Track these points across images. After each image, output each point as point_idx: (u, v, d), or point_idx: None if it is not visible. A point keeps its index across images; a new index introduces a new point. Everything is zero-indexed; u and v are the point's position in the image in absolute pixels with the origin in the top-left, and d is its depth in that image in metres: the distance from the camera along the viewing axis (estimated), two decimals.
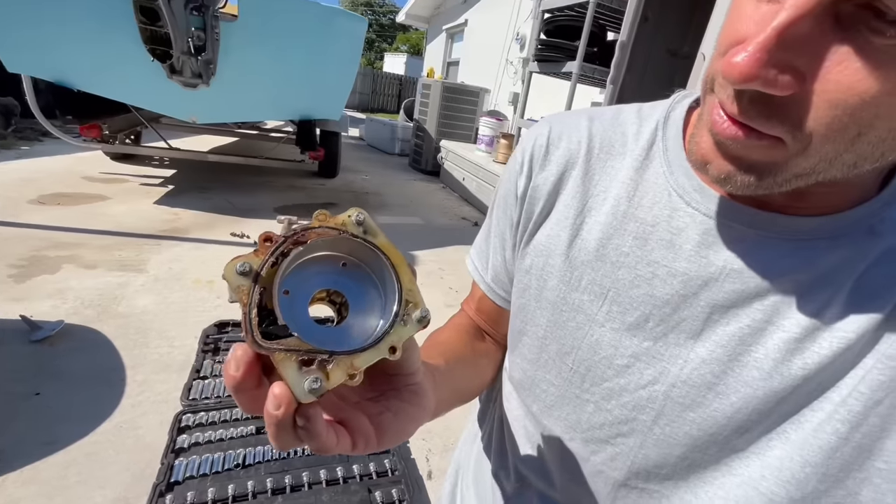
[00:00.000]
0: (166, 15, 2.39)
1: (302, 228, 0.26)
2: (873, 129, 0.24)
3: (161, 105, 3.28)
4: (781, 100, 0.24)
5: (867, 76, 0.22)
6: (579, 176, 0.42)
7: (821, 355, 0.31)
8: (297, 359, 0.24)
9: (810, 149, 0.25)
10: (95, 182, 3.86)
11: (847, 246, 0.32)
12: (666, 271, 0.37)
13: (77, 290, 2.14)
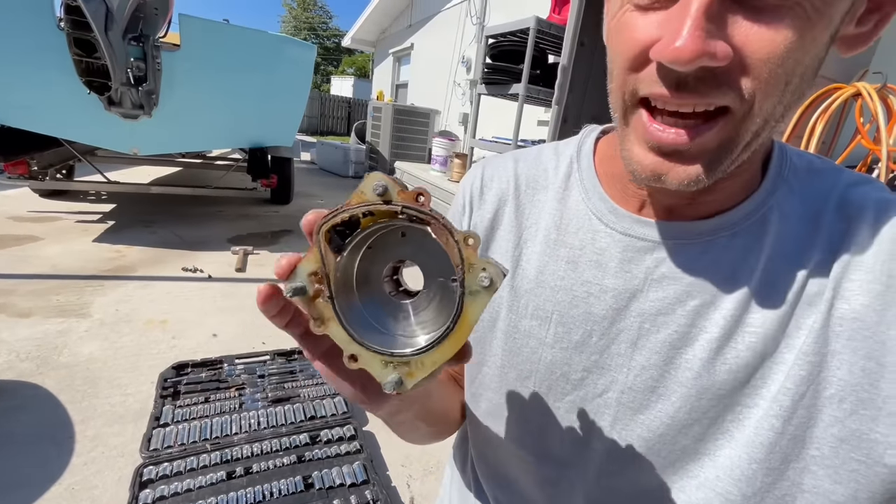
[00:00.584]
0: (103, 46, 2.30)
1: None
2: (794, 75, 0.28)
3: (99, 138, 3.11)
4: (722, 70, 0.27)
5: (777, 30, 0.26)
6: (512, 211, 0.47)
7: (740, 351, 0.35)
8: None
9: (754, 108, 0.28)
10: (24, 222, 3.56)
11: (744, 236, 0.36)
12: (598, 289, 0.41)
13: (10, 343, 1.96)
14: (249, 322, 2.41)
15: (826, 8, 0.27)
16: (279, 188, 4.57)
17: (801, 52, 0.27)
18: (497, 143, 3.78)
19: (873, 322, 0.31)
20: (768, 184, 0.37)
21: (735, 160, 0.32)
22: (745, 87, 0.28)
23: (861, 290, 0.32)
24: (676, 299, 0.37)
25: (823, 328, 0.33)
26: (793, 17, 0.26)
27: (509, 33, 3.55)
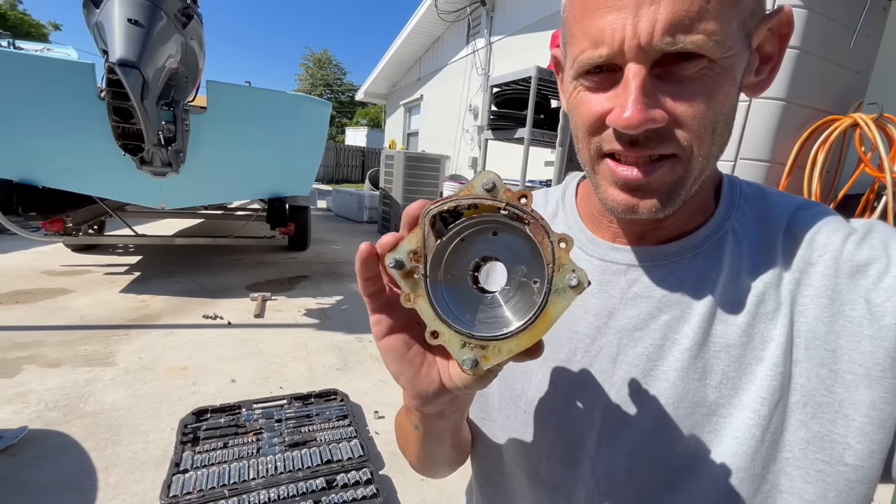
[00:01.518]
0: (139, 113, 2.50)
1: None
2: (718, 123, 0.35)
3: (130, 195, 3.31)
4: (662, 128, 0.34)
5: (696, 94, 0.33)
6: None
7: (709, 361, 0.38)
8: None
9: (694, 153, 0.35)
10: (57, 276, 3.74)
11: (704, 257, 0.41)
12: (581, 309, 0.44)
13: (40, 392, 2.03)
14: (267, 367, 2.45)
15: (728, 72, 0.33)
16: (296, 236, 4.73)
17: (718, 106, 0.34)
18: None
19: (823, 332, 0.35)
20: (722, 210, 0.42)
21: (688, 193, 0.38)
22: (682, 139, 0.34)
23: (812, 304, 0.36)
24: (649, 315, 0.41)
25: (788, 341, 0.36)
26: (705, 82, 0.33)
27: (512, 82, 3.75)
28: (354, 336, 2.94)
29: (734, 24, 0.32)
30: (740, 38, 0.33)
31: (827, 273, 0.36)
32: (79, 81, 2.79)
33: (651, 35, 0.31)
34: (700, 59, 0.32)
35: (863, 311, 0.34)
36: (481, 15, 6.62)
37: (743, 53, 0.34)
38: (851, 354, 0.34)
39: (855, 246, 0.36)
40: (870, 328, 0.33)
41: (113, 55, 2.39)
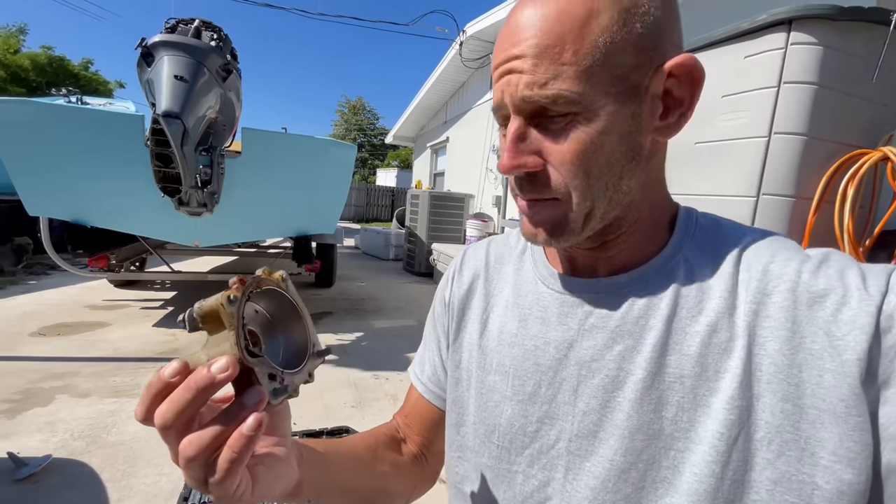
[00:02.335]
0: (178, 159, 2.71)
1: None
2: (594, 166, 0.37)
3: (168, 234, 3.53)
4: (540, 174, 0.38)
5: (564, 142, 0.36)
6: (482, 283, 0.55)
7: (663, 392, 0.38)
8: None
9: (573, 196, 0.38)
10: (98, 310, 3.96)
11: (655, 288, 0.41)
12: (543, 341, 0.45)
13: (67, 422, 2.11)
14: (292, 400, 2.46)
15: (595, 122, 0.36)
16: (322, 273, 4.85)
17: (589, 153, 0.36)
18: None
19: (785, 365, 0.34)
20: (675, 241, 0.43)
21: (581, 229, 0.40)
22: (558, 183, 0.38)
23: (772, 336, 0.35)
24: (605, 345, 0.42)
25: (746, 374, 0.35)
26: (572, 132, 0.36)
27: None
28: (371, 373, 2.94)
29: (600, 82, 0.35)
30: (613, 92, 0.35)
31: (785, 304, 0.36)
32: (129, 131, 3.07)
33: (518, 91, 0.36)
34: (567, 113, 0.35)
35: (824, 343, 0.33)
36: None
37: (623, 105, 0.36)
38: (815, 389, 0.33)
39: (810, 275, 0.36)
40: (832, 362, 0.33)
41: (159, 107, 2.64)
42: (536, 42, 0.34)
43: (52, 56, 16.66)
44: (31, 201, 3.18)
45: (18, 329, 3.33)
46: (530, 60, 0.35)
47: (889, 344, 0.32)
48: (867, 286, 0.34)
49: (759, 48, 1.93)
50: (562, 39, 0.34)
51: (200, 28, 3.16)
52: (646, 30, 0.35)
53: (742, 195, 1.99)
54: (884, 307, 0.32)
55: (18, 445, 1.87)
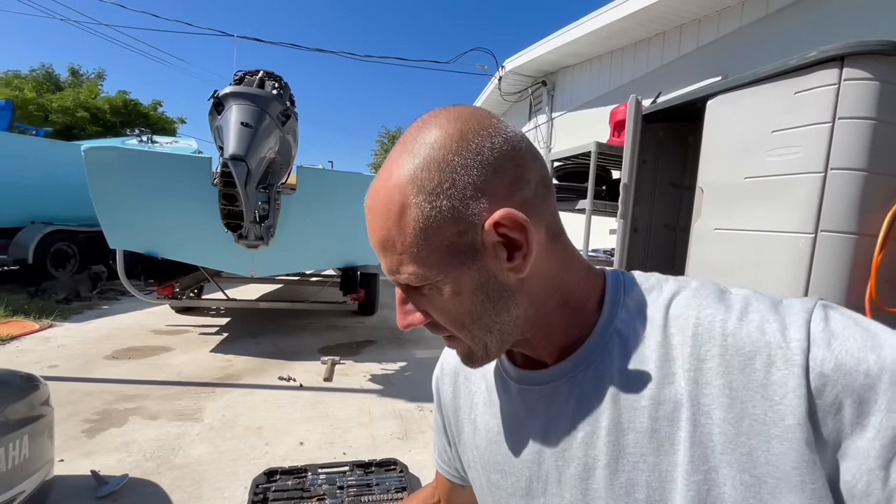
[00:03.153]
0: (242, 198, 2.95)
1: None
2: (464, 316, 0.41)
3: (227, 265, 3.80)
4: (430, 323, 0.42)
5: (432, 302, 0.41)
6: (462, 381, 0.57)
7: (629, 474, 0.38)
8: None
9: (463, 335, 0.42)
10: (162, 335, 4.25)
11: (597, 366, 0.41)
12: (520, 437, 0.46)
13: (140, 443, 2.28)
14: (333, 431, 2.54)
15: (446, 287, 0.39)
16: (365, 301, 5.01)
17: (453, 310, 0.41)
18: None
19: (734, 434, 0.33)
20: (605, 315, 0.42)
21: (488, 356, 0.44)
22: (445, 328, 0.43)
23: (716, 404, 0.34)
24: (569, 433, 0.42)
25: (696, 446, 0.35)
26: (434, 297, 0.41)
27: (573, 157, 3.89)
28: (416, 405, 2.98)
29: (433, 259, 0.38)
30: (449, 261, 0.38)
31: (719, 370, 0.35)
32: (198, 172, 3.37)
33: (386, 272, 0.42)
34: (424, 284, 0.40)
35: (764, 407, 0.33)
36: (543, 94, 7.04)
37: (464, 266, 0.39)
38: (767, 456, 0.32)
39: (734, 335, 0.35)
40: (776, 427, 0.32)
41: (226, 151, 2.90)
42: (377, 238, 0.40)
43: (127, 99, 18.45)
44: (112, 235, 3.52)
45: (95, 352, 3.63)
46: (380, 252, 0.41)
47: (827, 402, 0.31)
48: (788, 341, 0.33)
49: (810, 84, 1.92)
50: (390, 234, 0.38)
51: (264, 78, 3.48)
52: (454, 201, 0.37)
53: (797, 231, 1.94)
54: (811, 364, 0.32)
55: (99, 464, 2.04)
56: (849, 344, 0.32)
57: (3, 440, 1.54)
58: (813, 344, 0.33)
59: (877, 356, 0.31)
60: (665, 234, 3.75)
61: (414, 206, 0.37)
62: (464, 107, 0.40)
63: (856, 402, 0.31)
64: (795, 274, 1.89)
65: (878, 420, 0.30)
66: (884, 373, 0.31)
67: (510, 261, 0.39)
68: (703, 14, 3.92)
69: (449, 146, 0.37)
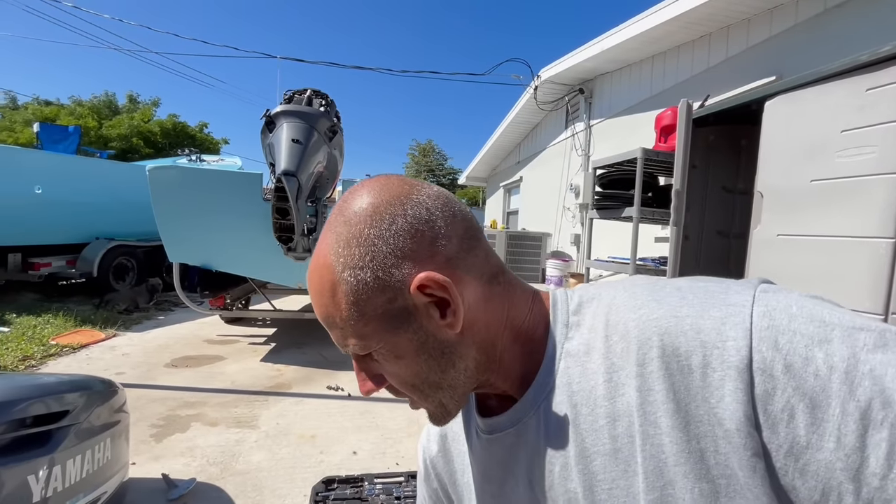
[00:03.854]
0: (294, 211, 3.06)
1: None
2: (414, 379, 0.42)
3: (276, 277, 3.93)
4: (390, 385, 0.43)
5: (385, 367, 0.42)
6: (452, 441, 0.55)
7: (604, 502, 0.36)
8: None
9: (417, 396, 0.43)
10: (214, 344, 4.43)
11: (556, 394, 0.40)
12: (514, 482, 0.45)
13: (203, 448, 2.36)
14: (384, 441, 2.56)
15: (392, 352, 0.40)
16: None
17: (404, 372, 0.42)
18: (614, 263, 3.81)
19: (684, 441, 0.32)
20: (552, 338, 0.42)
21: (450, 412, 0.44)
22: (405, 391, 0.44)
23: (661, 411, 0.33)
24: (549, 469, 0.41)
25: (648, 460, 0.33)
26: (386, 362, 0.42)
27: (617, 164, 3.82)
28: None
29: (370, 328, 0.39)
30: (385, 328, 0.39)
31: (660, 374, 0.33)
32: (250, 188, 3.52)
33: None
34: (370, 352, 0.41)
35: (706, 408, 0.31)
36: (580, 101, 6.97)
37: (399, 331, 0.40)
38: (716, 457, 0.31)
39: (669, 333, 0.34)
40: (719, 428, 0.31)
41: (278, 167, 3.02)
42: (319, 315, 0.42)
43: (176, 122, 19.62)
44: (172, 249, 3.73)
45: (156, 360, 3.82)
46: (325, 326, 0.42)
47: (778, 408, 0.29)
48: (724, 340, 0.31)
49: (884, 80, 1.83)
50: (329, 311, 0.40)
51: (312, 96, 3.62)
52: (377, 272, 0.38)
53: (875, 236, 1.83)
54: (756, 366, 0.30)
55: (167, 467, 2.13)
56: (796, 340, 0.30)
57: (90, 443, 1.64)
58: (760, 342, 0.30)
59: (825, 353, 0.29)
60: (718, 241, 3.60)
61: (342, 282, 0.39)
62: (382, 178, 0.42)
63: (809, 408, 0.28)
64: (876, 282, 1.78)
65: (835, 426, 0.28)
66: (834, 372, 0.28)
67: (443, 318, 0.40)
68: (753, 13, 3.79)
69: (364, 220, 0.39)
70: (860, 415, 0.27)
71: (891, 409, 0.27)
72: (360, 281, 0.38)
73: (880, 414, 0.27)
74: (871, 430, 0.27)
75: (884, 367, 0.28)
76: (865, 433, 0.27)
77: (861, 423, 0.27)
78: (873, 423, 0.27)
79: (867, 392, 0.27)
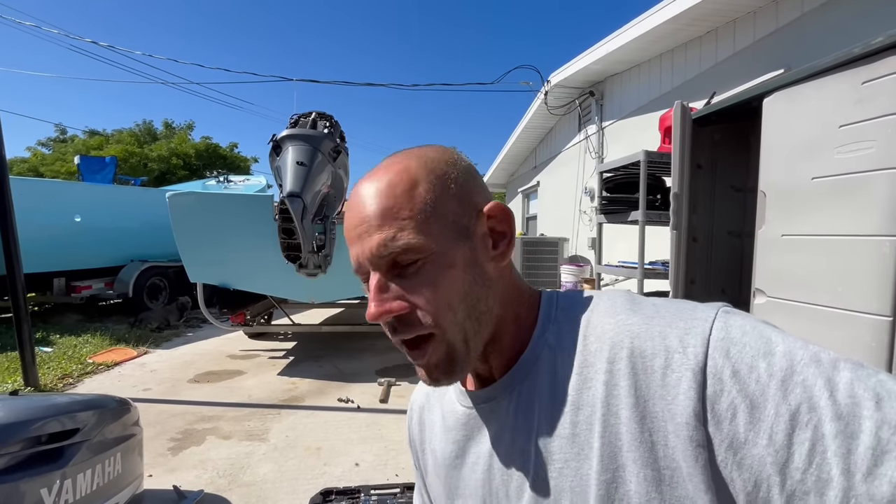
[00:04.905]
0: (300, 231, 3.18)
1: None
2: (453, 300, 0.41)
3: (290, 292, 4.08)
4: (408, 315, 0.41)
5: (420, 284, 0.40)
6: (427, 413, 0.58)
7: (558, 481, 0.39)
8: None
9: (445, 328, 0.41)
10: (236, 359, 4.62)
11: (534, 377, 0.43)
12: (475, 456, 0.48)
13: (215, 461, 2.48)
14: (387, 452, 2.61)
15: (443, 261, 0.40)
16: None
17: (445, 287, 0.41)
18: (623, 268, 3.75)
19: (638, 431, 0.36)
20: (539, 329, 0.45)
21: (467, 356, 0.43)
22: (426, 320, 0.41)
23: (622, 404, 0.37)
24: (510, 446, 0.44)
25: (606, 446, 0.37)
26: (425, 274, 0.41)
27: (622, 167, 3.77)
28: None
29: (435, 230, 0.41)
30: (449, 235, 0.41)
31: (626, 371, 0.37)
32: (262, 209, 3.69)
33: (371, 251, 0.41)
34: (416, 259, 0.41)
35: (662, 405, 0.35)
36: (591, 104, 6.90)
37: (459, 243, 0.42)
38: (664, 450, 0.35)
39: (640, 338, 0.38)
40: (671, 423, 0.34)
41: (284, 190, 3.15)
42: (377, 207, 0.41)
43: (209, 144, 20.58)
44: (192, 270, 3.93)
45: (181, 375, 4.02)
46: (376, 222, 0.41)
47: (723, 407, 0.33)
48: (685, 346, 0.36)
49: (880, 72, 1.76)
50: (396, 202, 0.40)
51: (316, 119, 3.76)
52: (458, 189, 0.42)
53: (879, 234, 1.75)
54: (709, 371, 0.34)
55: (180, 479, 2.25)
56: (745, 352, 0.34)
57: (101, 457, 1.76)
58: (714, 350, 0.35)
59: (767, 363, 0.33)
60: (729, 242, 3.50)
61: (425, 182, 0.42)
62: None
63: (749, 408, 0.32)
64: (882, 282, 1.70)
65: (769, 426, 0.31)
66: (772, 379, 0.32)
67: (494, 249, 0.44)
68: (759, 5, 3.67)
69: (445, 158, 0.44)
70: (790, 416, 0.31)
71: (815, 413, 0.31)
72: (444, 188, 0.42)
73: (806, 417, 0.31)
74: (797, 430, 0.31)
75: (814, 378, 0.32)
76: (793, 432, 0.31)
77: (790, 424, 0.31)
78: (800, 424, 0.31)
79: (797, 398, 0.31)
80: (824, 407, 0.30)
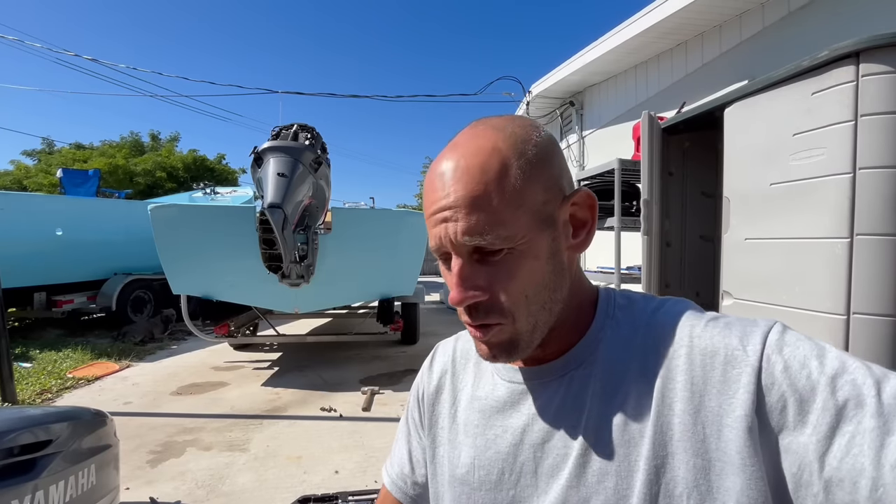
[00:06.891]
0: (280, 241, 3.22)
1: None
2: (529, 291, 0.42)
3: (272, 303, 4.09)
4: (485, 302, 0.42)
5: (503, 272, 0.41)
6: (450, 379, 0.58)
7: (604, 464, 0.41)
8: None
9: (517, 317, 0.42)
10: (220, 370, 4.59)
11: (586, 367, 0.45)
12: (501, 429, 0.49)
13: (194, 472, 2.48)
14: (367, 460, 2.62)
15: (527, 252, 0.41)
16: (406, 330, 5.15)
17: (524, 279, 0.42)
18: (601, 273, 3.84)
19: (691, 423, 0.38)
20: (597, 323, 0.47)
21: (531, 342, 0.44)
22: (503, 309, 0.42)
23: (678, 398, 0.39)
24: (552, 426, 0.45)
25: (657, 434, 0.39)
26: (508, 264, 0.42)
27: (598, 175, 3.87)
28: None
29: (523, 220, 0.41)
30: (535, 225, 0.41)
31: (684, 367, 0.40)
32: (244, 220, 3.71)
33: (457, 237, 0.41)
34: (501, 248, 0.41)
35: (719, 400, 0.38)
36: (571, 113, 7.05)
37: (544, 233, 0.42)
38: (717, 443, 0.37)
39: (700, 337, 0.41)
40: (727, 417, 0.37)
41: (265, 201, 3.19)
42: (465, 193, 0.40)
43: (196, 156, 20.48)
44: (174, 282, 3.93)
45: (163, 388, 3.99)
46: (463, 210, 0.40)
47: (774, 400, 0.36)
48: (745, 345, 0.38)
49: (827, 83, 1.86)
50: (487, 190, 0.39)
51: (298, 131, 3.81)
52: (546, 174, 0.42)
53: (830, 236, 1.84)
54: (763, 366, 0.37)
55: (158, 491, 2.25)
56: (797, 352, 0.37)
57: (75, 468, 1.76)
58: (770, 350, 0.38)
59: (818, 363, 0.36)
60: (702, 246, 3.59)
61: (516, 168, 0.41)
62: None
63: (798, 402, 0.35)
64: (834, 281, 1.78)
65: (815, 418, 0.34)
66: (822, 376, 0.35)
67: (575, 237, 0.45)
68: (723, 20, 3.83)
69: (533, 138, 0.43)
70: (836, 411, 0.34)
71: (860, 410, 0.33)
72: (533, 174, 0.41)
73: (852, 412, 0.34)
74: (841, 424, 0.33)
75: (864, 378, 0.34)
76: (837, 426, 0.33)
77: (835, 418, 0.34)
78: (845, 419, 0.33)
79: (846, 394, 0.34)
80: (869, 405, 0.33)
